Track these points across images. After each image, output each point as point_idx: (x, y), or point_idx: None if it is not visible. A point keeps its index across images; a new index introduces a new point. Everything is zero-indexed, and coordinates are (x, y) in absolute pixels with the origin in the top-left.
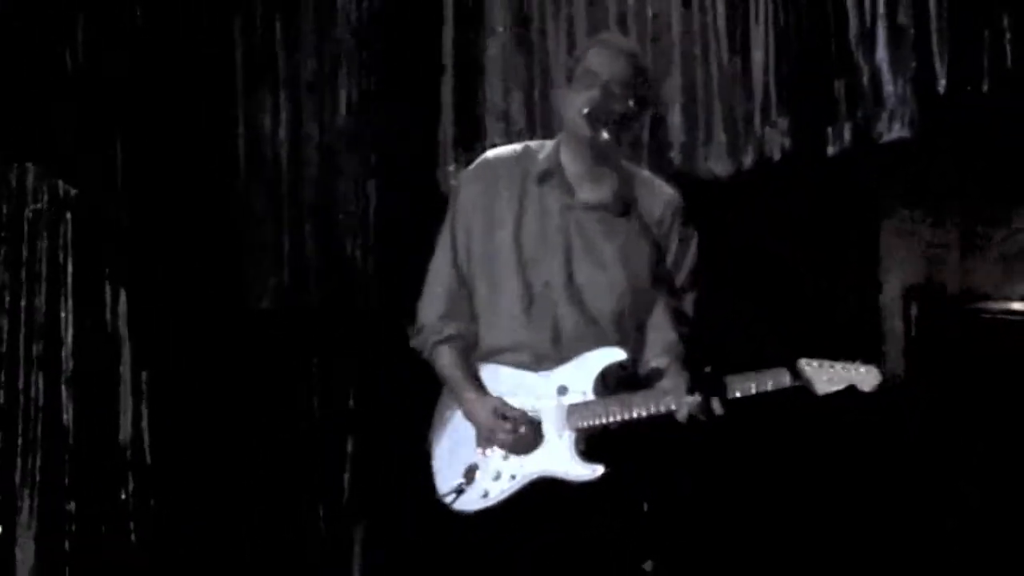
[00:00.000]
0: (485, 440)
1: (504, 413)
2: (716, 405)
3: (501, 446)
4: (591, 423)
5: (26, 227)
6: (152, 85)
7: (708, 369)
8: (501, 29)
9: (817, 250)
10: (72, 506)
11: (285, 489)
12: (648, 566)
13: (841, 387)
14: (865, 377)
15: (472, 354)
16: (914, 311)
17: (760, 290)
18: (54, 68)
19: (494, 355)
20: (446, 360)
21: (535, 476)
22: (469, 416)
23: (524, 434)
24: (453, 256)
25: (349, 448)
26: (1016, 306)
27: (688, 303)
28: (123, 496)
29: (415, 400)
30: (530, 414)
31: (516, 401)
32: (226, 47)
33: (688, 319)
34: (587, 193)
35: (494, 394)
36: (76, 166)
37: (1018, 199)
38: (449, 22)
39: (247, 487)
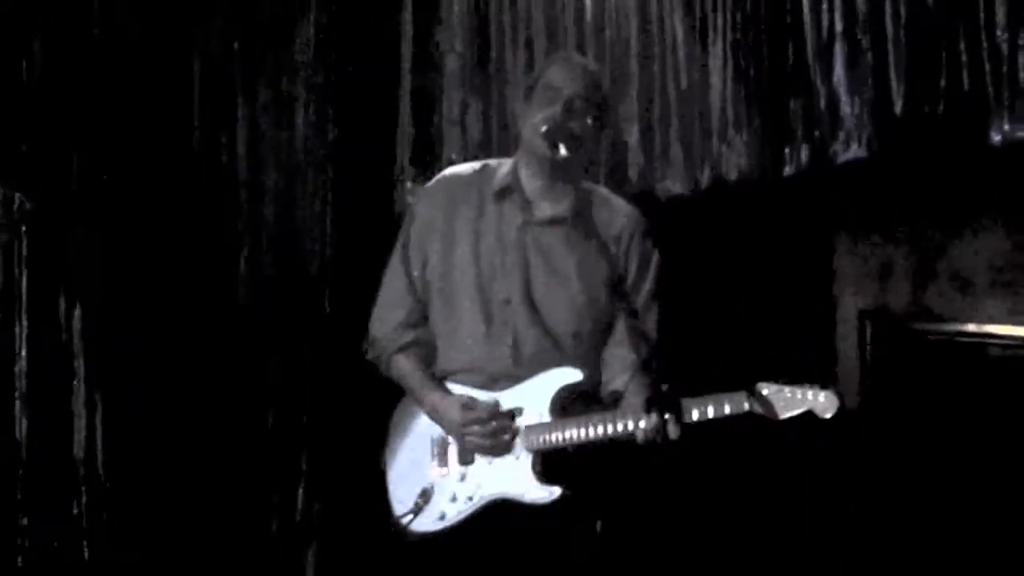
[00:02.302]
0: (459, 439)
1: (473, 406)
2: (673, 427)
3: (477, 444)
4: (547, 444)
5: None
6: (109, 100)
7: (665, 388)
8: (458, 45)
9: (772, 270)
10: (25, 521)
11: (238, 506)
12: None
13: (799, 411)
14: (824, 403)
15: (432, 360)
16: (868, 332)
17: (716, 310)
18: (10, 81)
19: (449, 375)
20: (407, 366)
21: (492, 498)
22: (436, 418)
23: (498, 426)
24: (407, 269)
25: (303, 465)
26: (970, 328)
27: (650, 322)
28: (76, 511)
29: (370, 417)
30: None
31: None
32: (184, 65)
33: (649, 340)
34: (545, 209)
35: None
36: (32, 180)
37: (973, 221)
38: (407, 39)
39: (200, 503)
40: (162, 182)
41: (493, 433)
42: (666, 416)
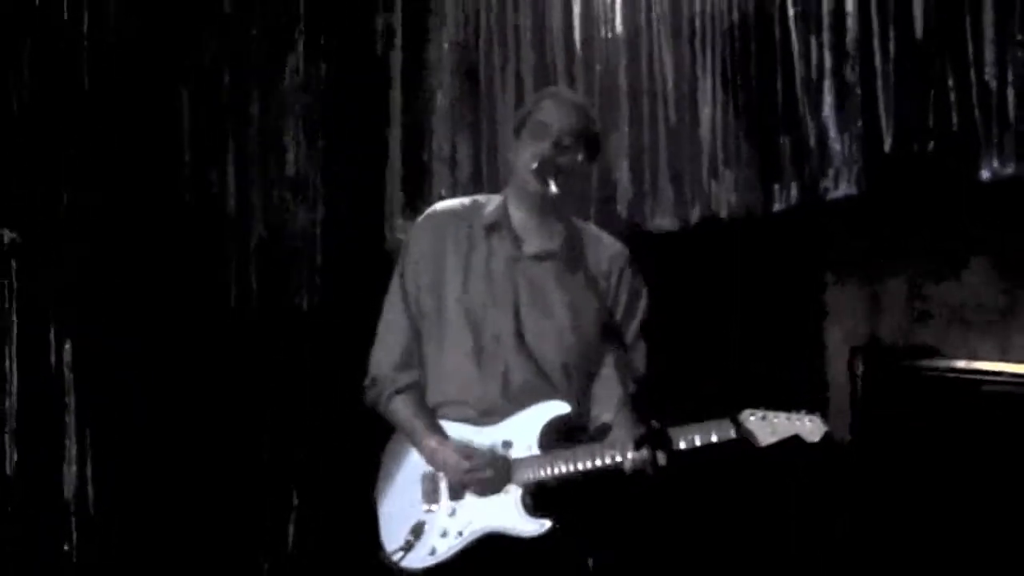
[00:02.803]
0: (455, 485)
1: (470, 454)
2: (661, 457)
3: (471, 489)
4: (536, 477)
5: None
6: (97, 132)
7: (655, 424)
8: (448, 81)
9: (762, 306)
10: (15, 557)
11: (229, 541)
12: None
13: (785, 437)
14: (810, 428)
15: (427, 399)
16: (859, 368)
17: (706, 345)
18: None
19: (439, 408)
20: (405, 410)
21: (482, 532)
22: (434, 463)
23: (493, 476)
24: (405, 307)
25: (294, 500)
26: (960, 364)
27: (638, 357)
28: (67, 549)
29: (361, 451)
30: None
31: None
32: (173, 97)
33: (637, 375)
34: (534, 244)
35: None
36: (19, 214)
37: (963, 257)
38: (396, 75)
39: (192, 539)
40: (151, 216)
41: (491, 480)
42: (655, 450)
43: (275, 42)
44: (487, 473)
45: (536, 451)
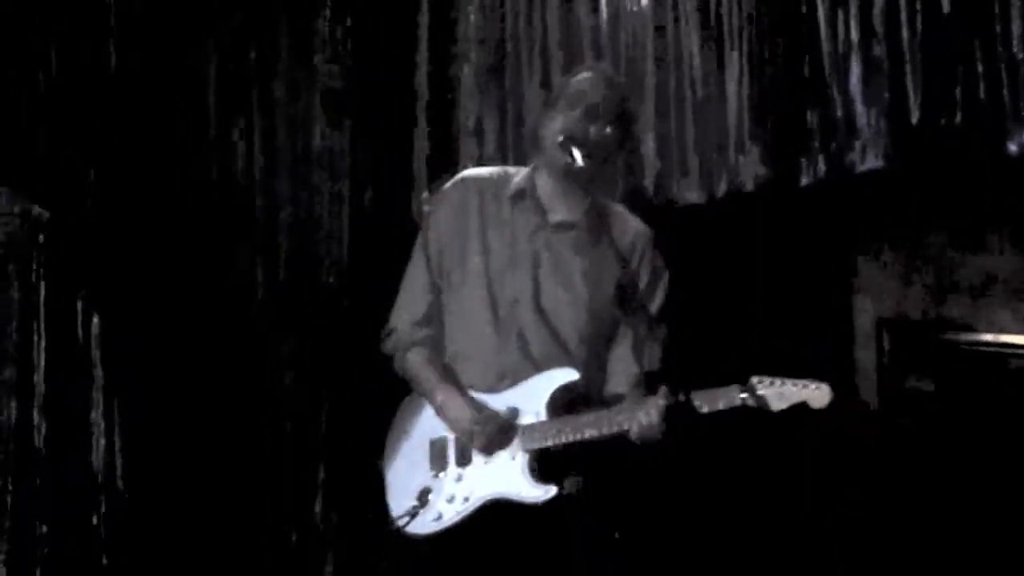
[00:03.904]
0: (464, 437)
1: (479, 408)
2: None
3: (479, 444)
4: (543, 444)
5: None
6: (126, 107)
7: (665, 390)
8: (474, 55)
9: (790, 280)
10: (44, 530)
11: (256, 515)
12: None
13: (793, 403)
14: (817, 395)
15: (444, 358)
16: (886, 341)
17: (732, 318)
18: (26, 89)
19: (456, 370)
20: (419, 362)
21: (489, 498)
22: (443, 415)
23: (499, 432)
24: (427, 266)
25: (320, 474)
26: (987, 338)
27: (656, 336)
28: (95, 521)
29: (387, 426)
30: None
31: None
32: (199, 74)
33: (654, 354)
34: (558, 214)
35: None
36: (49, 188)
37: (990, 231)
38: (423, 48)
39: (219, 512)
40: (178, 189)
41: (492, 440)
42: (663, 417)
43: (301, 17)
44: (492, 428)
45: (544, 417)
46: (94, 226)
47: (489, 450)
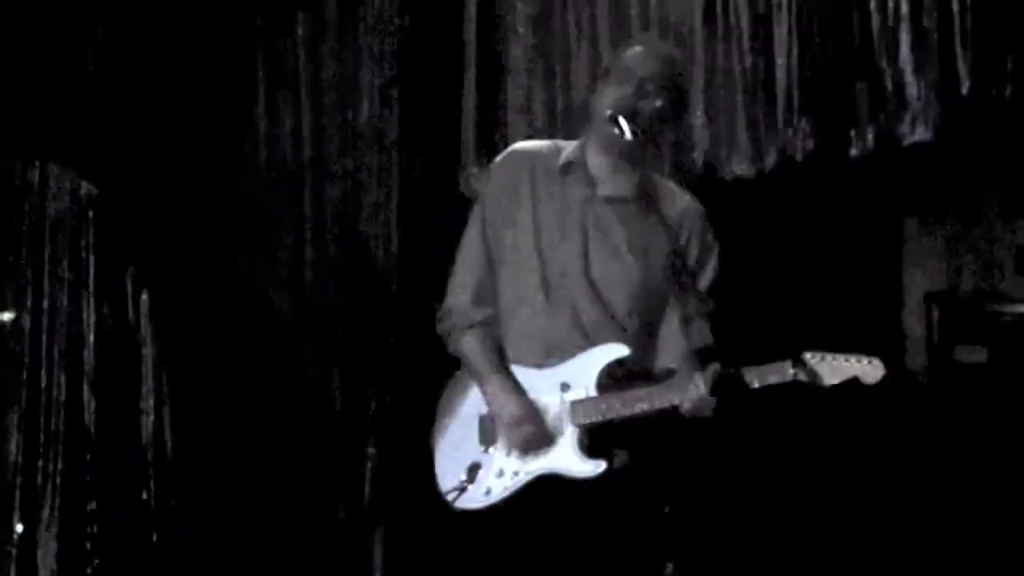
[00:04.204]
0: (505, 431)
1: (527, 406)
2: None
3: (518, 441)
4: (593, 419)
5: (48, 226)
6: (174, 86)
7: (716, 365)
8: (523, 30)
9: (839, 252)
10: (94, 505)
11: (305, 491)
12: (669, 570)
13: (845, 378)
14: (869, 370)
15: (501, 343)
16: (935, 314)
17: (781, 292)
18: (76, 68)
19: (507, 342)
20: (475, 346)
21: (538, 473)
22: (494, 404)
23: (541, 440)
24: (482, 240)
25: (370, 451)
26: None
27: (705, 313)
28: (144, 496)
29: (435, 403)
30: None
31: None
32: (247, 48)
33: (704, 332)
34: (608, 187)
35: None
36: (98, 166)
37: None
38: (471, 23)
39: (268, 488)
40: (228, 168)
41: (532, 439)
42: (717, 392)
43: None
44: (530, 435)
45: (594, 392)
46: (144, 203)
47: (525, 453)
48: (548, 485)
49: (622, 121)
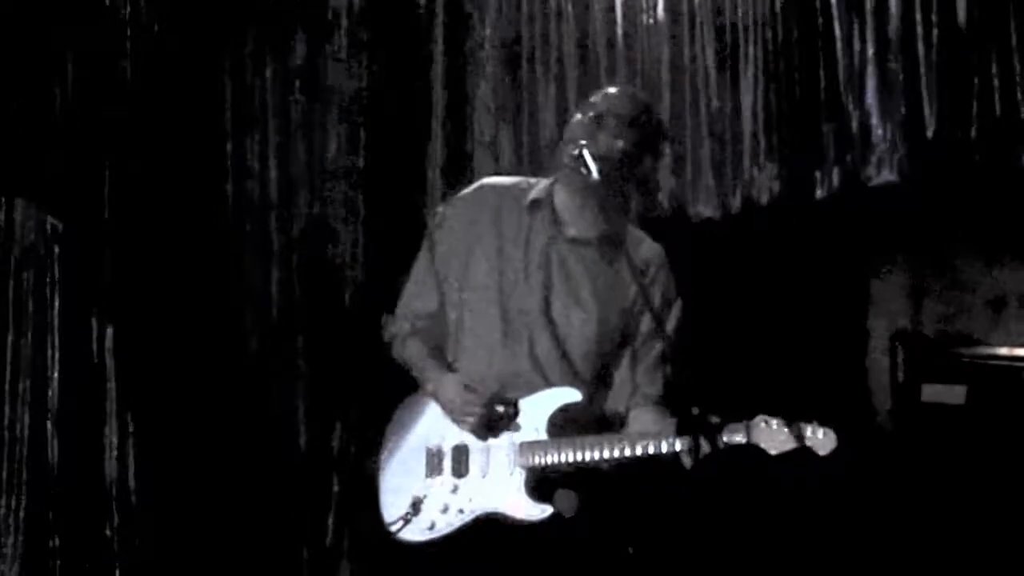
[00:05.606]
0: (456, 417)
1: (473, 387)
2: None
3: (471, 423)
4: (541, 462)
5: (13, 263)
6: (141, 122)
7: (696, 411)
8: (491, 68)
9: (804, 293)
10: (56, 543)
11: (269, 529)
12: None
13: (793, 447)
14: (822, 441)
15: (443, 346)
16: (900, 356)
17: (746, 333)
18: (43, 104)
19: (463, 376)
20: (416, 348)
21: (483, 512)
22: (441, 396)
23: (496, 412)
24: (431, 260)
25: (334, 488)
26: (1001, 352)
27: (666, 361)
28: (108, 533)
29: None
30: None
31: (468, 437)
32: (216, 81)
33: (663, 381)
34: (574, 228)
35: (448, 425)
36: (64, 201)
37: (1005, 245)
38: (439, 60)
39: (231, 526)
40: (193, 201)
41: (485, 417)
42: (699, 438)
43: (317, 31)
44: (483, 410)
45: (543, 435)
46: (108, 238)
47: (480, 434)
48: (494, 525)
49: (588, 159)
